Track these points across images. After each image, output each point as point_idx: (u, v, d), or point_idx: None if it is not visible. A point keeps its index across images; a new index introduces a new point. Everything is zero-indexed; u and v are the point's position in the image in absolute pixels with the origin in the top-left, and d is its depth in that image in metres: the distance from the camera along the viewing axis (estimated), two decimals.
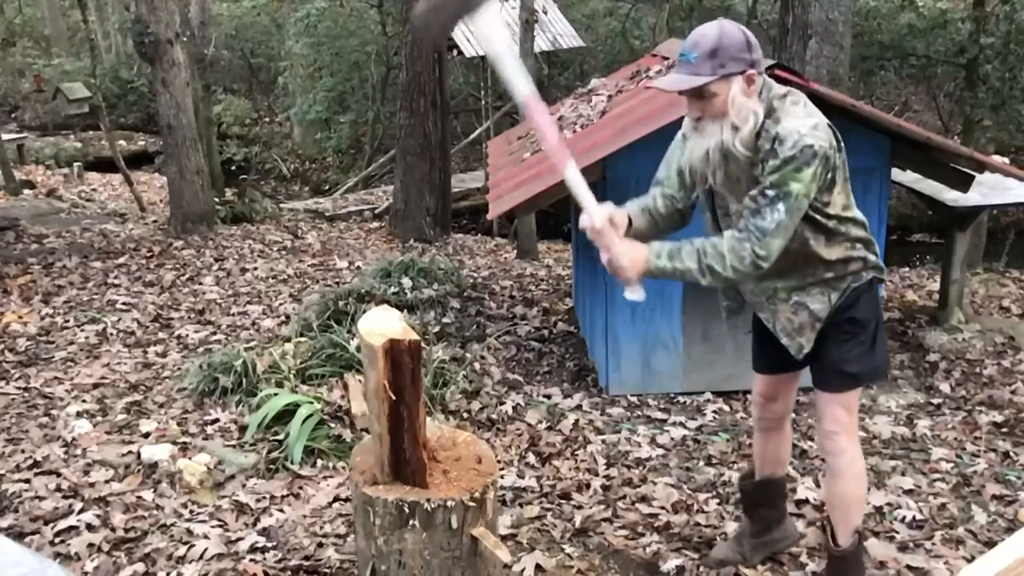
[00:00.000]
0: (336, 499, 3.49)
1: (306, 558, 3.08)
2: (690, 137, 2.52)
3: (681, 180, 2.61)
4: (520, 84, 2.35)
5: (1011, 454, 4.05)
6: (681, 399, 4.75)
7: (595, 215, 2.43)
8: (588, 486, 3.67)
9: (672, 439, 4.18)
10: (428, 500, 2.27)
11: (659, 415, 4.53)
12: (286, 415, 3.93)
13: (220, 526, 3.28)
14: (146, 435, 4.00)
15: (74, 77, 18.20)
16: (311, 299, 5.94)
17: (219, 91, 20.05)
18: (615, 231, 2.46)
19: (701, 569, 3.06)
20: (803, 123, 2.32)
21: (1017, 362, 5.16)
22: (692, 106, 2.40)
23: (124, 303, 6.31)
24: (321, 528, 3.29)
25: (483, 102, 15.58)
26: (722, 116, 2.35)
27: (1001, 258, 10.21)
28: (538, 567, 3.03)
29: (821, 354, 2.62)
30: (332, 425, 3.95)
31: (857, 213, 2.55)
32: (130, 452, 3.79)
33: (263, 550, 3.12)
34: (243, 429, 3.99)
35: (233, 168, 17.19)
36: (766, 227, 2.33)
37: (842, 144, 2.44)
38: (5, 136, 13.71)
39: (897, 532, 3.32)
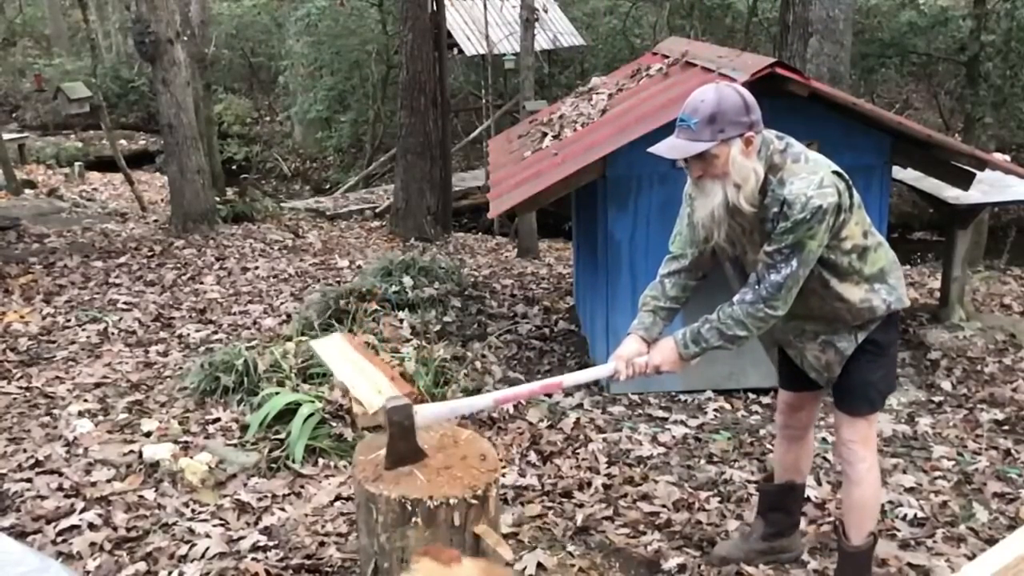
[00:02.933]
0: (338, 498, 3.49)
1: (308, 557, 3.08)
2: (694, 196, 2.58)
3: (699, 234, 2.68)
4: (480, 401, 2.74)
5: (1012, 452, 4.05)
6: (682, 397, 4.75)
7: (619, 371, 2.64)
8: (589, 484, 3.68)
9: (673, 437, 4.19)
10: (431, 497, 2.27)
11: (660, 413, 4.53)
12: (287, 414, 3.93)
13: (222, 525, 3.28)
14: (147, 434, 4.00)
15: (75, 76, 18.17)
16: (312, 298, 5.94)
17: (220, 90, 20.04)
18: (643, 356, 2.66)
19: (703, 567, 3.06)
20: (808, 183, 2.39)
21: (1018, 360, 5.16)
22: (694, 166, 2.47)
23: (125, 302, 6.31)
24: (323, 527, 3.29)
25: (483, 101, 15.58)
26: (723, 176, 2.43)
27: (1002, 256, 10.19)
28: (540, 565, 3.03)
29: (844, 376, 2.67)
30: (333, 424, 3.95)
31: (875, 238, 2.59)
32: (131, 451, 3.79)
33: (265, 549, 3.12)
34: (244, 428, 3.99)
35: (234, 167, 17.17)
36: (779, 282, 2.43)
37: (849, 181, 2.48)
38: (6, 136, 13.70)
39: (899, 530, 3.32)
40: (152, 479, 3.62)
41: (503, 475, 3.64)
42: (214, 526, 3.26)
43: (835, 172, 2.45)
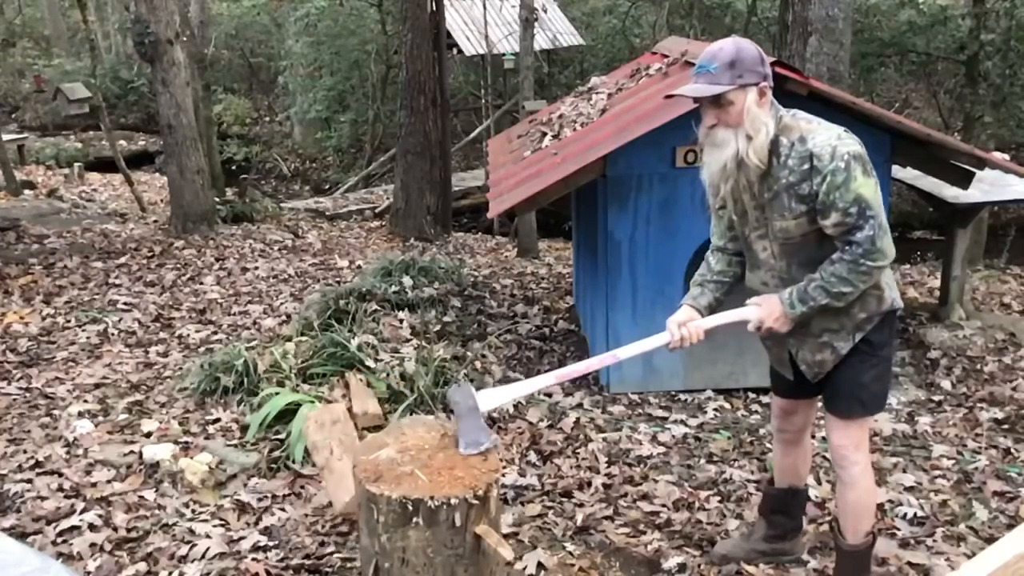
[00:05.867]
0: None
1: (307, 557, 3.09)
2: (705, 151, 2.58)
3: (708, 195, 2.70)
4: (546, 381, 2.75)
5: (1012, 450, 4.05)
6: (682, 397, 4.76)
7: (672, 336, 2.65)
8: (589, 484, 3.68)
9: (673, 437, 4.19)
10: (431, 498, 2.27)
11: (660, 413, 4.53)
12: (287, 414, 3.93)
13: (222, 525, 3.29)
14: (148, 435, 4.01)
15: (74, 77, 18.18)
16: (312, 298, 5.94)
17: (219, 91, 20.03)
18: (696, 321, 2.67)
19: (703, 566, 3.07)
20: (830, 135, 2.43)
21: (1018, 359, 5.17)
22: (708, 114, 2.50)
23: (125, 303, 6.31)
24: (323, 527, 3.29)
25: (483, 100, 15.59)
26: (736, 126, 2.45)
27: (1002, 255, 10.19)
28: (540, 565, 3.03)
29: (835, 377, 2.66)
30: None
31: None
32: (132, 452, 3.79)
33: (265, 549, 3.13)
34: (245, 428, 3.99)
35: (233, 168, 17.15)
36: (869, 235, 2.41)
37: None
38: (6, 136, 13.70)
39: (898, 529, 3.32)
40: (152, 480, 3.62)
41: (503, 475, 3.64)
42: (214, 526, 3.26)
43: (847, 130, 2.49)
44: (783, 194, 2.48)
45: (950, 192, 5.25)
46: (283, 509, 3.41)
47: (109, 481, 3.59)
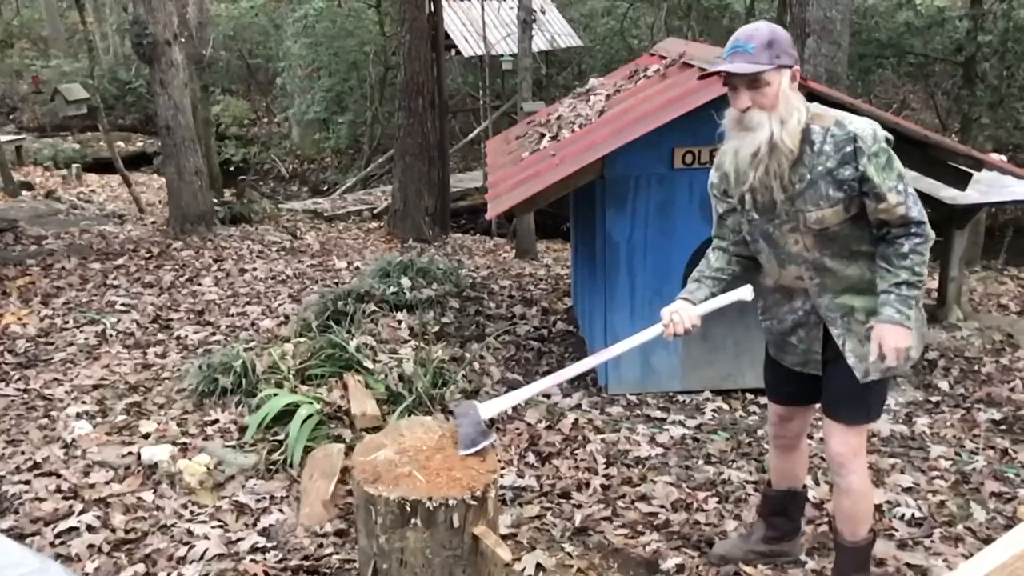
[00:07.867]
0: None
1: (306, 558, 3.09)
2: (733, 137, 2.52)
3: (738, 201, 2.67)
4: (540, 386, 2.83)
5: (1010, 451, 4.06)
6: (680, 398, 4.76)
7: (665, 325, 2.69)
8: (588, 485, 3.68)
9: (671, 438, 4.19)
10: (430, 499, 2.28)
11: (658, 414, 4.53)
12: (286, 415, 3.93)
13: (220, 526, 3.29)
14: (146, 436, 4.00)
15: (72, 78, 18.17)
16: (310, 299, 5.94)
17: (217, 92, 20.06)
18: (688, 309, 2.70)
19: (701, 567, 3.07)
20: (867, 120, 2.45)
21: (1015, 359, 5.17)
22: (741, 96, 2.44)
23: (123, 304, 6.31)
24: (321, 528, 3.29)
25: (481, 102, 15.59)
26: (771, 108, 2.42)
27: (999, 256, 10.22)
28: (539, 566, 3.03)
29: (840, 381, 2.61)
30: (332, 425, 3.95)
31: None
32: (130, 453, 3.79)
33: (263, 550, 3.13)
34: (243, 429, 3.99)
35: (232, 169, 17.16)
36: (919, 208, 2.44)
37: None
38: (3, 137, 13.71)
39: (896, 530, 3.32)
40: (151, 481, 3.62)
41: (502, 476, 3.64)
42: (213, 527, 3.26)
43: None
44: (819, 182, 2.44)
45: (947, 193, 5.26)
46: (281, 510, 3.41)
47: (107, 482, 3.58)
